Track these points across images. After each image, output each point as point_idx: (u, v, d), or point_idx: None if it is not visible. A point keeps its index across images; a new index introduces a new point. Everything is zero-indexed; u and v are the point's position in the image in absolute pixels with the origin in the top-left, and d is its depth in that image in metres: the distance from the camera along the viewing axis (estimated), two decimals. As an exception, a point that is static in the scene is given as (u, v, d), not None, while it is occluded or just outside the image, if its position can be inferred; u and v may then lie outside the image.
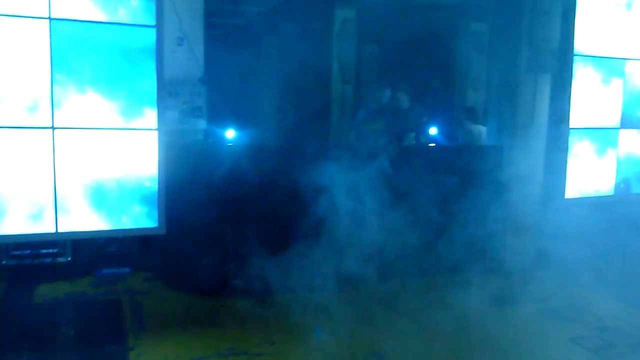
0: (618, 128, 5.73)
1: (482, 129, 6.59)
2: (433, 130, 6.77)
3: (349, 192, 5.07)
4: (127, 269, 5.21)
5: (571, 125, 5.42)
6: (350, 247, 4.76)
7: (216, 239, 4.81)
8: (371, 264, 4.90)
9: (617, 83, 5.67)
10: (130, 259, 5.26)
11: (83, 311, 4.48)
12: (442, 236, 5.15)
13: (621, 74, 5.67)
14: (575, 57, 5.34)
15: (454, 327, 4.06)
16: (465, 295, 4.60)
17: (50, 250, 5.06)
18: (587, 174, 5.60)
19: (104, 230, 4.00)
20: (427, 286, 5.06)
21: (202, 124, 5.15)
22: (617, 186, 5.83)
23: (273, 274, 4.60)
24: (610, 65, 5.58)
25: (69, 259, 5.11)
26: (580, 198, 5.59)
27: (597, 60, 5.48)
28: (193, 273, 4.71)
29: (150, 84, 3.97)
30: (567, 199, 5.51)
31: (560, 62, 5.40)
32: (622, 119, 5.75)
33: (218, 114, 5.91)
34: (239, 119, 6.53)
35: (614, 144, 5.76)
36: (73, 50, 3.75)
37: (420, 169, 5.44)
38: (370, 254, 4.87)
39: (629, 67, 5.69)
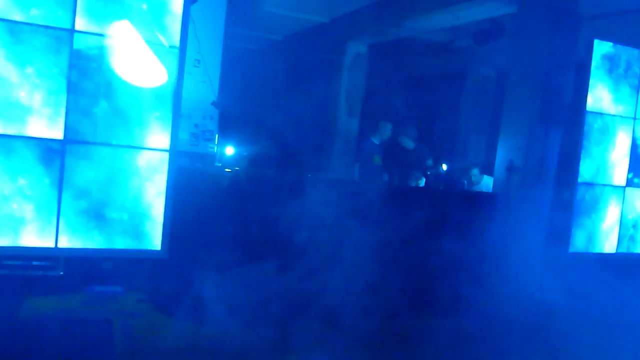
0: (624, 187, 5.76)
1: (488, 179, 6.59)
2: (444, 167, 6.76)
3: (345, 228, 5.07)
4: (119, 288, 5.06)
5: (579, 179, 5.46)
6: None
7: (217, 267, 4.73)
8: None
9: (624, 141, 5.72)
10: (124, 278, 5.12)
11: (71, 330, 4.32)
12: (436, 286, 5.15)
13: (629, 133, 5.73)
14: (587, 113, 5.42)
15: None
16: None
17: (43, 263, 4.90)
18: (592, 230, 5.60)
19: (104, 249, 3.90)
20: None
21: (212, 147, 5.10)
22: (620, 244, 5.82)
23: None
24: (619, 123, 5.64)
25: (61, 273, 4.96)
26: (584, 253, 5.57)
27: (607, 117, 5.54)
28: (190, 300, 4.58)
29: (165, 104, 3.94)
30: (571, 253, 5.50)
31: (572, 116, 5.45)
32: (628, 177, 5.79)
33: (226, 138, 5.87)
34: (244, 143, 6.50)
35: (619, 201, 5.78)
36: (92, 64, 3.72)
37: (415, 211, 5.44)
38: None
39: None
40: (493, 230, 5.49)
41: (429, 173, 7.40)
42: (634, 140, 5.74)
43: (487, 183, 6.28)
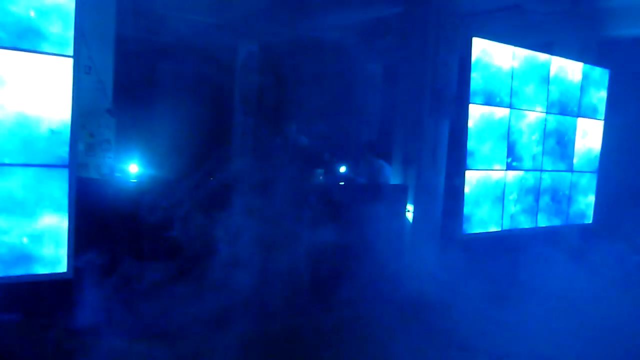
0: (505, 169, 6.35)
1: (382, 163, 6.89)
2: (342, 169, 6.99)
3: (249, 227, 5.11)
4: (18, 316, 4.67)
5: (466, 167, 5.95)
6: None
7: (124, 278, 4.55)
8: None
9: (504, 129, 6.30)
10: (23, 304, 4.73)
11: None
12: (344, 273, 5.35)
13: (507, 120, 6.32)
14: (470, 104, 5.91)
15: None
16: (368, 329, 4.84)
17: None
18: (480, 212, 6.13)
19: (7, 277, 3.61)
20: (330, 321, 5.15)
21: (110, 157, 4.86)
22: (504, 221, 6.43)
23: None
24: (500, 113, 6.20)
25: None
26: (476, 234, 6.08)
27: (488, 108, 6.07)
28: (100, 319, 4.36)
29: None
30: (464, 234, 5.98)
31: (457, 108, 5.89)
32: (508, 161, 6.39)
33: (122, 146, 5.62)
34: (141, 150, 6.26)
35: (501, 183, 6.37)
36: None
37: (321, 206, 5.60)
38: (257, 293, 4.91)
39: (514, 115, 6.37)
40: (392, 218, 5.81)
41: (325, 169, 7.59)
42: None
43: (387, 174, 6.59)
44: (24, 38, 3.51)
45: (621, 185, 7.51)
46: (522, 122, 6.48)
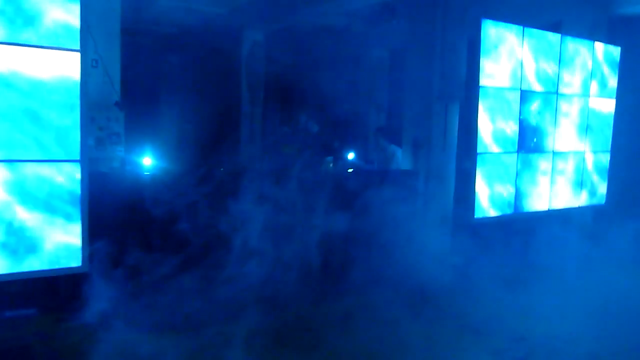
0: (517, 151, 6.28)
1: (395, 148, 6.86)
2: (350, 155, 6.95)
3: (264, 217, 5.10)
4: (33, 311, 4.71)
5: (477, 150, 5.88)
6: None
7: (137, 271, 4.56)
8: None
9: (514, 112, 6.21)
10: (37, 299, 4.77)
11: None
12: (355, 260, 5.34)
13: (517, 104, 6.23)
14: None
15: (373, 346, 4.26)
16: (381, 315, 4.83)
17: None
18: (492, 195, 6.07)
19: (22, 272, 3.63)
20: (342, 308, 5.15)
21: (120, 150, 4.86)
22: (515, 205, 6.37)
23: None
24: (510, 96, 6.11)
25: (-36, 303, 4.53)
26: (488, 217, 6.03)
27: (497, 91, 5.97)
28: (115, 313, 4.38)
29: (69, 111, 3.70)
30: (476, 219, 5.93)
31: (467, 92, 5.82)
32: (518, 144, 6.31)
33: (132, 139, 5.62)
34: (151, 142, 6.27)
35: (513, 166, 6.30)
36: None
37: (331, 194, 5.58)
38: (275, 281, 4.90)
39: (525, 97, 6.28)
40: (403, 203, 5.77)
41: (335, 156, 7.56)
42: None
43: (399, 159, 6.55)
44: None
45: (634, 164, 7.44)
46: (532, 102, 6.39)
